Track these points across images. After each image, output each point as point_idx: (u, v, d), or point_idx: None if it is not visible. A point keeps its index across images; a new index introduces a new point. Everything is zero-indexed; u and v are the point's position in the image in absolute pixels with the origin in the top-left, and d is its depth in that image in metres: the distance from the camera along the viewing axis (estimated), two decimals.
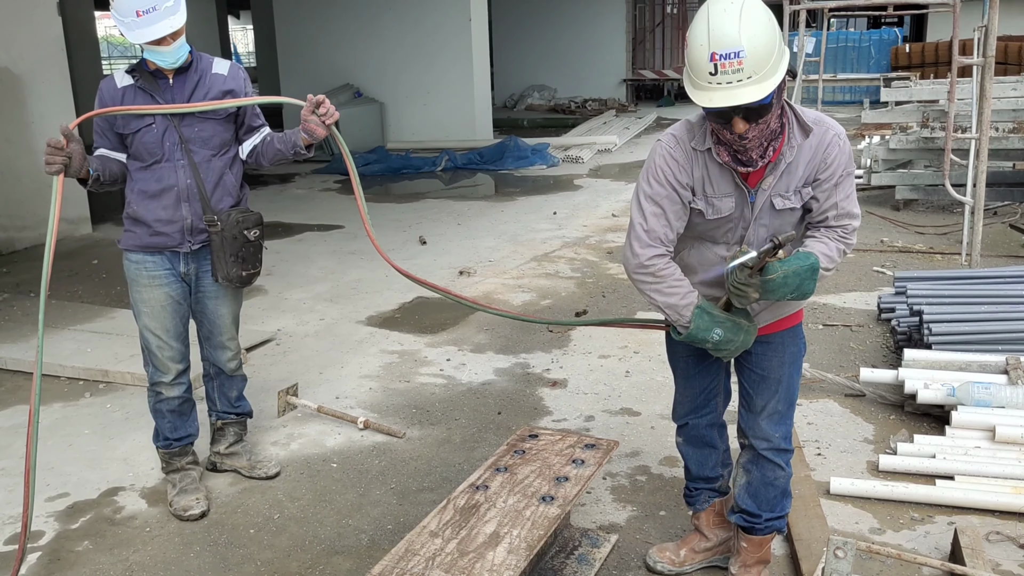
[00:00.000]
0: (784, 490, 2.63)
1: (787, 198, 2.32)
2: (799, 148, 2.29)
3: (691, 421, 2.75)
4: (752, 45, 2.06)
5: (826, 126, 2.31)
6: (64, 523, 3.22)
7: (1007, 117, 8.11)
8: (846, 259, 3.36)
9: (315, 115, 3.05)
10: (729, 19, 2.06)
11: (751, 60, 2.06)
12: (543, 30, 19.76)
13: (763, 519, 2.62)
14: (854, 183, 2.38)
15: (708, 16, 2.10)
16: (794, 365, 2.56)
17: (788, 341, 2.54)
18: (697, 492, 2.84)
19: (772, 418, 2.56)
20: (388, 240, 7.40)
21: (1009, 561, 2.80)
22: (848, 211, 2.37)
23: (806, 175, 2.31)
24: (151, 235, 3.12)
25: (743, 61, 2.06)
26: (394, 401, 4.21)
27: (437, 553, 2.37)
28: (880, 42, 19.00)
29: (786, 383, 2.55)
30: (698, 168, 2.33)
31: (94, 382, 4.48)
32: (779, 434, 2.56)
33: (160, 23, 2.86)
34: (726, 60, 2.06)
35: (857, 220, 2.40)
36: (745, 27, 2.06)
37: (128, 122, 3.05)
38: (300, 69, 13.66)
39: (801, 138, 2.29)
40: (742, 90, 2.08)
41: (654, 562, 2.82)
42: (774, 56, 2.10)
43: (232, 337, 3.39)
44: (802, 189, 2.33)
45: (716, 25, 2.07)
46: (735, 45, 2.05)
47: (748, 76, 2.08)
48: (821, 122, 2.32)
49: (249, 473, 3.51)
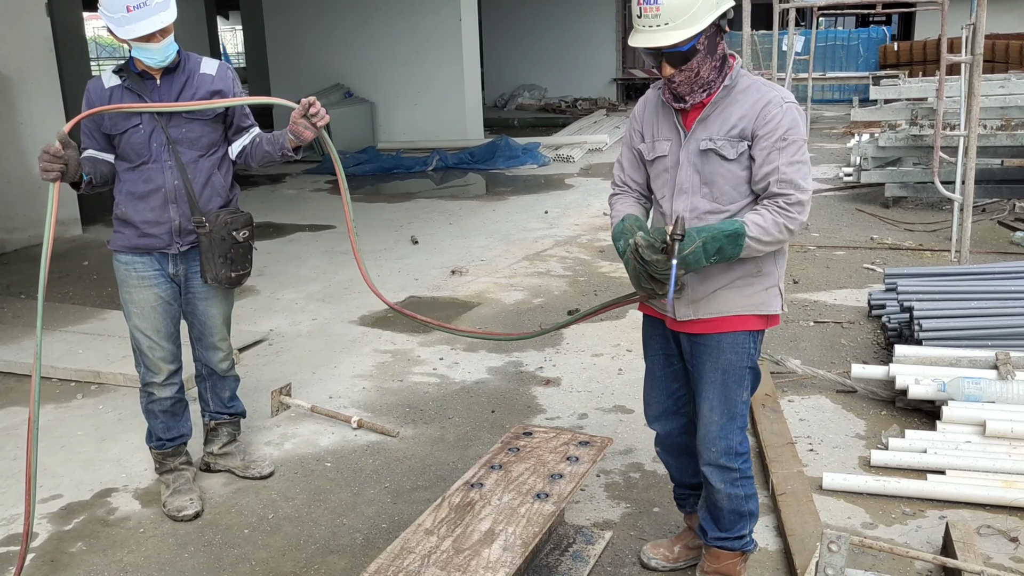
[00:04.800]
0: (733, 510, 2.55)
1: (715, 142, 2.34)
2: (732, 98, 2.34)
3: (664, 428, 2.72)
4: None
5: (772, 89, 2.34)
6: (58, 524, 3.21)
7: (995, 114, 8.15)
8: (838, 258, 3.35)
9: (305, 118, 3.04)
10: None
11: (667, 7, 2.19)
12: (533, 30, 19.76)
13: (709, 536, 2.62)
14: (805, 156, 2.32)
15: None
16: (731, 375, 2.45)
17: (726, 347, 2.44)
18: (684, 496, 2.86)
19: (709, 430, 2.49)
20: (379, 240, 7.40)
21: (1000, 554, 2.83)
22: (791, 179, 2.28)
23: (741, 127, 2.32)
24: (139, 236, 3.11)
25: (660, 7, 2.19)
26: (387, 400, 4.21)
27: (432, 551, 2.38)
28: (868, 40, 19.09)
29: (721, 391, 2.46)
30: (650, 111, 2.51)
31: (86, 383, 4.46)
32: (717, 448, 2.48)
33: (150, 19, 2.85)
34: (647, 4, 2.21)
35: (803, 194, 2.29)
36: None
37: (116, 123, 3.03)
38: (290, 69, 13.62)
39: (737, 91, 2.34)
40: (658, 34, 2.22)
41: (648, 558, 2.84)
42: (696, 7, 2.20)
43: (224, 338, 3.38)
44: (737, 143, 2.32)
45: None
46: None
47: (665, 22, 2.21)
48: (768, 85, 2.35)
49: (243, 473, 3.50)
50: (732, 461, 2.51)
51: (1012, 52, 15.26)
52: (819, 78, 14.63)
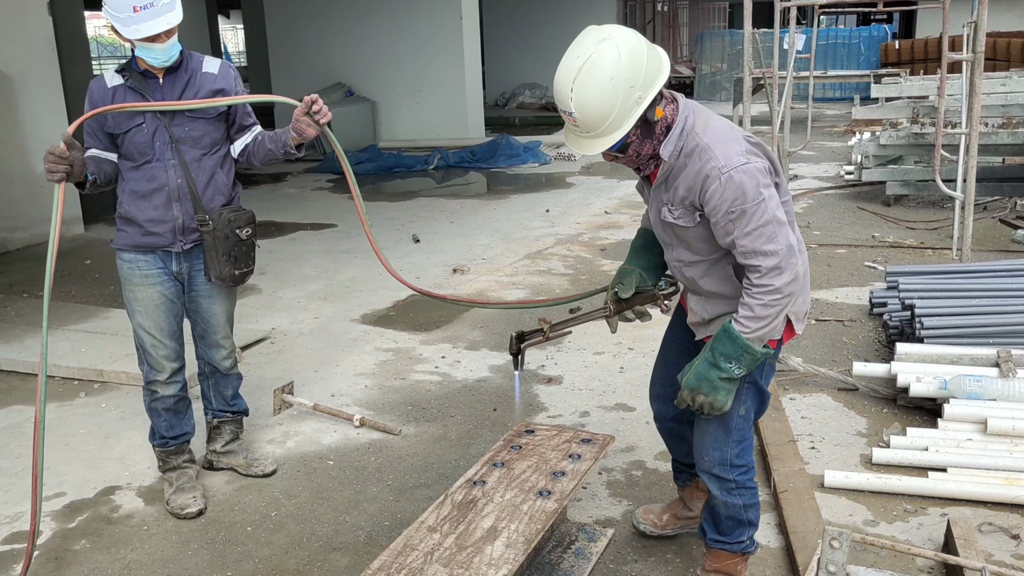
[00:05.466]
0: (730, 517, 2.54)
1: (672, 212, 2.30)
2: (681, 162, 2.24)
3: (659, 410, 2.80)
4: (582, 111, 2.11)
5: (708, 157, 2.17)
6: (62, 522, 3.22)
7: (996, 113, 8.15)
8: (839, 256, 3.34)
9: (308, 115, 3.05)
10: (566, 78, 2.10)
11: (582, 121, 2.13)
12: (534, 28, 19.77)
13: (708, 537, 2.64)
14: (763, 218, 2.14)
15: (560, 63, 2.14)
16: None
17: None
18: (679, 469, 2.94)
19: (703, 439, 2.49)
20: (381, 239, 7.40)
21: (1002, 551, 2.83)
22: (751, 249, 2.16)
23: (689, 199, 2.24)
24: (143, 235, 3.12)
25: (576, 120, 2.13)
26: (389, 399, 4.22)
27: (435, 548, 2.39)
28: (870, 39, 19.08)
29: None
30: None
31: (89, 382, 4.47)
32: (709, 458, 2.47)
33: (157, 19, 2.85)
34: (566, 115, 2.15)
35: (772, 258, 2.15)
36: (577, 92, 2.09)
37: (119, 122, 3.04)
38: (291, 68, 13.63)
39: (684, 155, 2.22)
40: (584, 141, 2.18)
41: (638, 522, 2.97)
42: (612, 117, 2.11)
43: (226, 336, 3.39)
44: (691, 212, 2.25)
45: (557, 80, 2.14)
46: (566, 107, 2.12)
47: (585, 132, 2.15)
48: (705, 152, 2.18)
49: (246, 471, 3.51)
50: (726, 472, 2.49)
51: (1013, 50, 15.25)
52: (820, 76, 14.60)
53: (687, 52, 23.78)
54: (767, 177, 2.18)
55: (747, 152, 2.17)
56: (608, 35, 2.11)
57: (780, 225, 2.16)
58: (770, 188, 2.18)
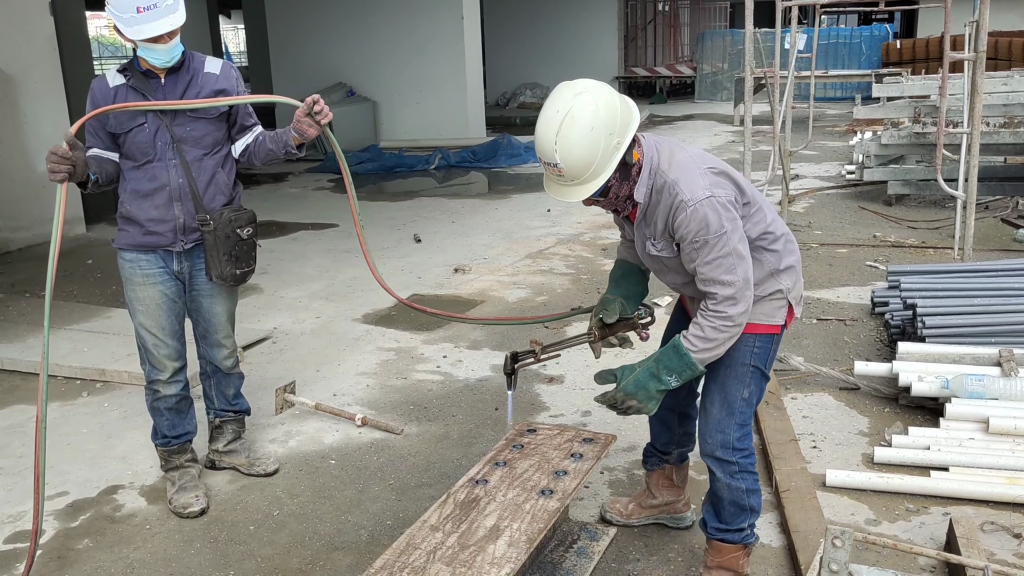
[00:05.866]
0: (733, 502, 2.58)
1: (655, 245, 2.44)
2: (655, 198, 2.37)
3: None
4: (567, 160, 2.23)
5: (675, 192, 2.30)
6: (64, 522, 3.22)
7: (998, 112, 8.15)
8: (840, 256, 3.35)
9: (309, 116, 3.05)
10: (549, 132, 2.23)
11: (568, 170, 2.25)
12: (535, 28, 19.78)
13: (710, 527, 2.67)
14: (723, 250, 2.28)
15: (538, 121, 2.26)
16: (732, 371, 2.50)
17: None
18: (649, 453, 3.01)
19: (707, 422, 2.57)
20: (382, 238, 7.41)
21: (1004, 551, 2.83)
22: (710, 277, 2.30)
23: (667, 230, 2.38)
24: (144, 234, 3.12)
25: (561, 170, 2.25)
26: (391, 398, 4.22)
27: (438, 547, 2.39)
28: (871, 38, 19.08)
29: (720, 386, 2.53)
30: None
31: (91, 381, 4.48)
32: (712, 441, 2.54)
33: (160, 20, 2.86)
34: (549, 166, 2.27)
35: (728, 288, 2.29)
36: (561, 143, 2.21)
37: (121, 122, 3.04)
38: (292, 68, 13.64)
39: (656, 191, 2.35)
40: (567, 189, 2.30)
41: (605, 512, 3.08)
42: (595, 164, 2.24)
43: (228, 335, 3.40)
44: (670, 242, 2.39)
45: (539, 135, 2.26)
46: (551, 159, 2.24)
47: (570, 180, 2.28)
48: (673, 187, 2.31)
49: (248, 470, 3.52)
50: (729, 455, 2.55)
51: (1015, 50, 15.23)
52: (822, 76, 14.62)
53: (688, 52, 23.77)
54: (731, 210, 2.30)
55: (711, 185, 2.30)
56: (582, 88, 2.25)
57: (740, 258, 2.30)
58: (734, 220, 2.30)
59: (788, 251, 2.52)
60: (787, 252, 2.51)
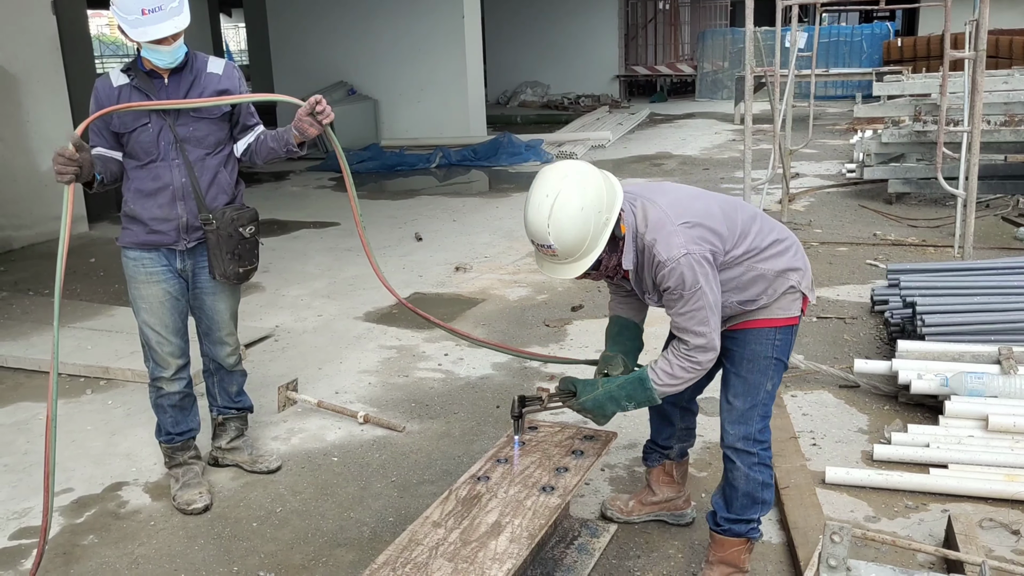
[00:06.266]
0: (747, 493, 2.63)
1: (651, 298, 2.57)
2: (638, 266, 2.49)
3: None
4: (560, 241, 2.33)
5: (654, 253, 2.40)
6: (70, 518, 3.25)
7: (998, 110, 8.16)
8: (841, 254, 3.37)
9: (311, 115, 3.07)
10: (540, 216, 2.32)
11: (561, 251, 2.35)
12: (536, 26, 19.77)
13: (719, 517, 2.69)
14: (697, 304, 2.40)
15: (527, 206, 2.36)
16: (754, 363, 2.58)
17: (751, 339, 2.58)
18: (651, 450, 3.04)
19: (730, 414, 2.63)
20: (383, 237, 7.43)
21: (1002, 547, 2.85)
22: (683, 327, 2.44)
23: (655, 285, 2.48)
24: (148, 233, 3.14)
25: (555, 251, 2.35)
26: (393, 396, 4.25)
27: (440, 543, 2.41)
28: (872, 36, 19.06)
29: (743, 379, 2.59)
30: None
31: (95, 379, 4.50)
32: (734, 432, 2.60)
33: (165, 23, 2.88)
34: (543, 247, 2.37)
35: (699, 338, 2.42)
36: (553, 226, 2.31)
37: (125, 122, 3.06)
38: (293, 67, 13.64)
39: (639, 251, 2.46)
40: (561, 267, 2.41)
41: (605, 509, 3.11)
42: (587, 241, 2.35)
43: (231, 333, 3.42)
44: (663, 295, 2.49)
45: (530, 220, 2.35)
46: (544, 240, 2.34)
47: (563, 259, 2.38)
48: (652, 249, 2.41)
49: (251, 467, 3.54)
50: (750, 446, 2.60)
51: (1016, 48, 15.23)
52: (822, 74, 14.60)
53: (689, 50, 23.77)
54: (705, 265, 2.40)
55: (686, 242, 2.39)
56: (567, 171, 2.36)
57: (712, 311, 2.42)
58: (707, 276, 2.39)
59: (789, 250, 2.58)
60: (788, 251, 2.57)
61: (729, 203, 2.58)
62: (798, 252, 2.61)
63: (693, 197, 2.54)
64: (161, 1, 2.86)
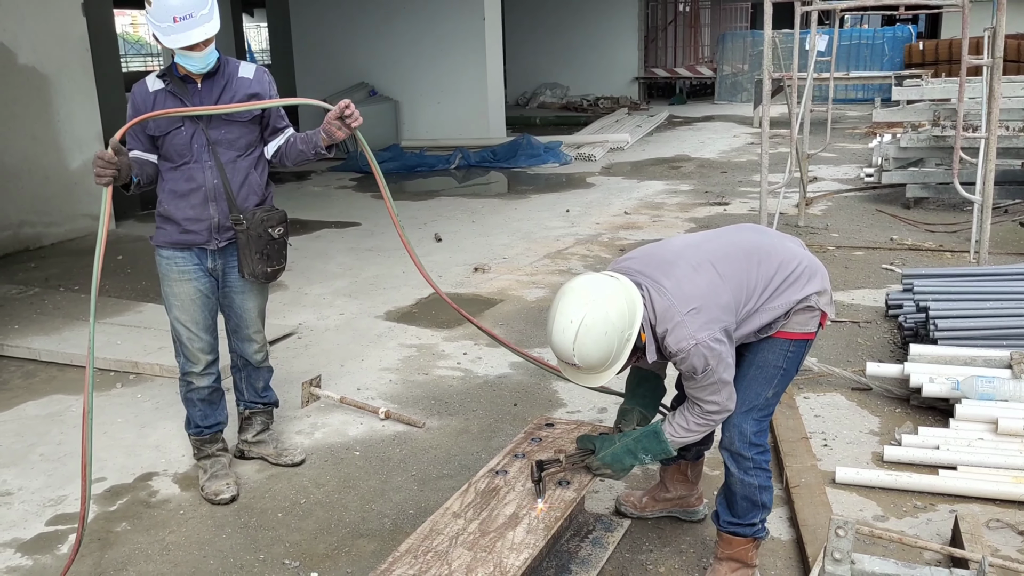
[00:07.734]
0: (745, 497, 2.68)
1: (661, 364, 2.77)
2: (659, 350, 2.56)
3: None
4: (585, 361, 2.44)
5: (666, 344, 2.49)
6: (103, 506, 3.38)
7: (1017, 116, 8.15)
8: (857, 259, 3.41)
9: (340, 119, 3.17)
10: (565, 341, 2.42)
11: (586, 367, 2.46)
12: (555, 28, 19.84)
13: (722, 519, 2.77)
14: (713, 381, 2.50)
15: (551, 327, 2.45)
16: (762, 370, 2.64)
17: (764, 347, 2.65)
18: None
19: (730, 415, 2.66)
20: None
21: (1008, 547, 2.91)
22: (698, 398, 2.57)
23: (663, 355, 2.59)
24: (180, 232, 3.26)
25: (580, 367, 2.47)
26: (413, 393, 4.35)
27: (460, 532, 2.50)
28: (894, 39, 18.97)
29: (748, 382, 2.64)
30: None
31: (125, 373, 4.63)
32: (730, 434, 2.65)
33: (195, 29, 2.99)
34: (566, 365, 2.50)
35: (713, 406, 2.55)
36: (579, 350, 2.41)
37: (160, 125, 3.18)
38: (315, 67, 13.80)
39: (658, 345, 2.54)
40: (586, 376, 2.53)
41: (619, 504, 3.20)
42: (609, 359, 2.45)
43: (258, 330, 3.53)
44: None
45: (555, 342, 2.45)
46: (570, 359, 2.45)
47: (587, 372, 2.50)
48: (664, 339, 2.49)
49: (276, 460, 3.65)
50: (746, 450, 2.64)
51: None
52: (842, 78, 14.57)
53: (708, 53, 23.75)
54: (716, 347, 2.45)
55: (695, 331, 2.44)
56: (589, 295, 2.43)
57: (724, 384, 2.53)
58: (719, 356, 2.46)
59: (803, 275, 2.61)
60: (802, 277, 2.60)
61: (735, 255, 2.59)
62: (814, 274, 2.62)
63: (696, 269, 2.53)
64: (191, 8, 2.97)
